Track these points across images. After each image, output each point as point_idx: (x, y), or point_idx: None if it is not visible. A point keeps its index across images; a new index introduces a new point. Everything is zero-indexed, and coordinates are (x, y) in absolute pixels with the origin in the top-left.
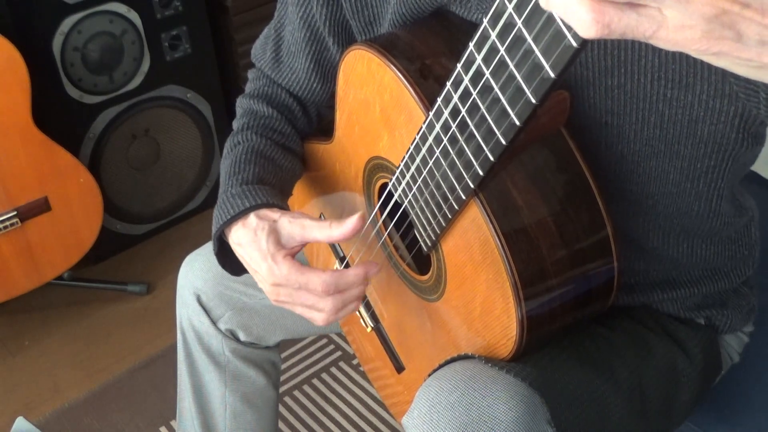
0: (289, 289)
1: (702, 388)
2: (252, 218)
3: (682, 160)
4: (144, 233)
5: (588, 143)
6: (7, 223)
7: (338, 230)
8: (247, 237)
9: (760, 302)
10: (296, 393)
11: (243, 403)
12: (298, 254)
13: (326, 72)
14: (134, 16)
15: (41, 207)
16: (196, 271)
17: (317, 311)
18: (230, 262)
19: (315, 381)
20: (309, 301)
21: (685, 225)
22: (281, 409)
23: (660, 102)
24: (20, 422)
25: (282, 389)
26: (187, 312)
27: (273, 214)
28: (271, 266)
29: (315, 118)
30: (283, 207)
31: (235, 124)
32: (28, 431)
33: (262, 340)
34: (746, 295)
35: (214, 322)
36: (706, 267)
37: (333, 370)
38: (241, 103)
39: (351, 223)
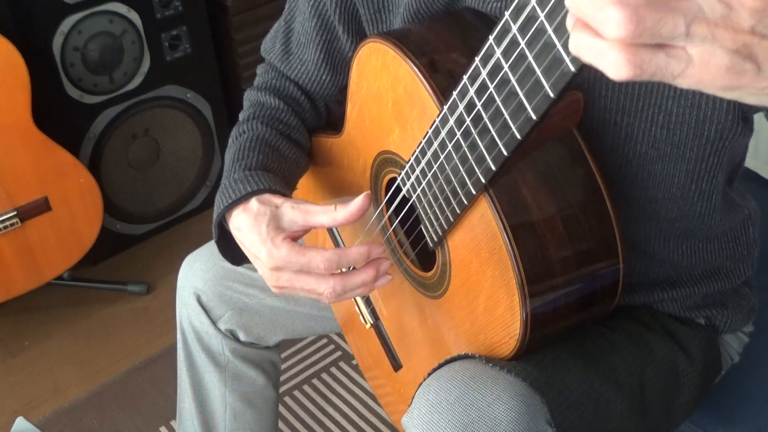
0: (288, 272)
1: (702, 388)
2: (253, 203)
3: (687, 163)
4: (144, 233)
5: (594, 145)
6: (7, 223)
7: (342, 212)
8: (247, 221)
9: (760, 302)
10: (296, 393)
11: (243, 403)
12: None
13: (336, 63)
14: (134, 16)
15: (41, 207)
16: (196, 271)
17: (317, 295)
18: (231, 251)
19: (315, 381)
20: (309, 285)
21: (685, 228)
22: (281, 409)
23: (669, 100)
24: (20, 422)
25: (282, 389)
26: (187, 312)
27: (275, 199)
28: (271, 249)
29: (323, 112)
30: (286, 194)
31: (242, 116)
32: (28, 431)
33: (262, 340)
34: (746, 295)
35: (214, 322)
36: (705, 267)
37: (333, 370)
38: (249, 96)
39: (357, 203)
